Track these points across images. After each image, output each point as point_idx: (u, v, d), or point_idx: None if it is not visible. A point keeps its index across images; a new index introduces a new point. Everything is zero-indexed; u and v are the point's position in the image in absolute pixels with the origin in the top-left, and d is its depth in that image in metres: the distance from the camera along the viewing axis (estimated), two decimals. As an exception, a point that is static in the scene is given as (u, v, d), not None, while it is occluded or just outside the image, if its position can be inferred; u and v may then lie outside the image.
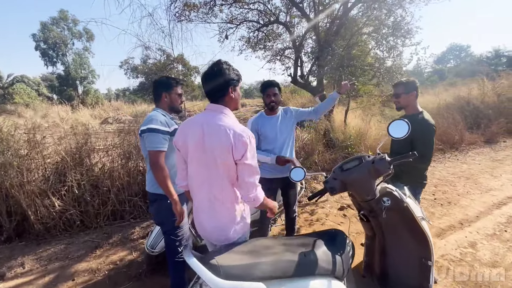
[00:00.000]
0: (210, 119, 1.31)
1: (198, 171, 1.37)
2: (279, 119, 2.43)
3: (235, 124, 1.32)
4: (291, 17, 7.28)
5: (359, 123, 6.62)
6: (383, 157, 1.62)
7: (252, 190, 1.32)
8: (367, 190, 1.66)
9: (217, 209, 1.38)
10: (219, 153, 1.27)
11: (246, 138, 1.26)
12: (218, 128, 1.27)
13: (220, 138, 1.26)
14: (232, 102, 1.38)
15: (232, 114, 1.38)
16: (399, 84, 2.14)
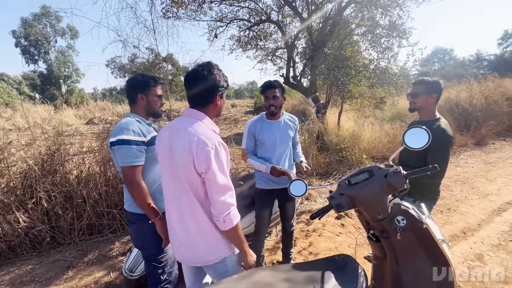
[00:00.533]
0: (182, 124, 1.15)
1: (168, 184, 1.20)
2: (281, 125, 2.18)
3: (205, 131, 1.12)
4: (283, 16, 7.08)
5: (353, 125, 6.49)
6: (398, 170, 1.40)
7: (224, 209, 1.11)
8: (379, 208, 1.43)
9: (189, 227, 1.19)
10: (182, 162, 1.11)
11: (210, 147, 1.07)
12: (184, 134, 1.11)
13: (183, 147, 1.09)
14: (215, 110, 1.23)
15: (210, 122, 1.19)
16: (420, 82, 1.86)
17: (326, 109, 6.38)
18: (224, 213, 1.10)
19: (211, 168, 1.06)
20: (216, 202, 1.10)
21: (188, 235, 1.19)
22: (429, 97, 1.83)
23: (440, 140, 1.74)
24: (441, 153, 1.75)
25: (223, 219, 1.10)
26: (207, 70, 1.14)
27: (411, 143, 1.48)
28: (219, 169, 1.09)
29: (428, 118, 1.88)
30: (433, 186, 1.91)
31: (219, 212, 1.11)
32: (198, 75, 1.13)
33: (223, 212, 1.10)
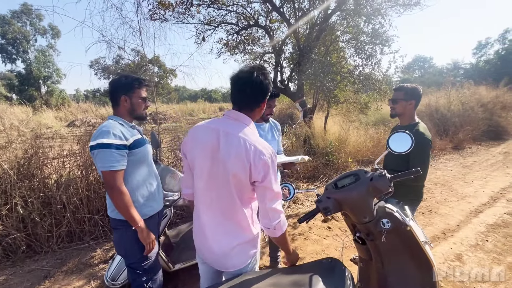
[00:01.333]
0: (230, 128, 1.12)
1: (207, 187, 1.17)
2: (266, 128, 2.20)
3: (258, 139, 1.13)
4: (271, 21, 7.17)
5: (339, 129, 6.61)
6: (383, 174, 1.44)
7: (275, 217, 1.12)
8: (365, 210, 1.46)
9: (225, 231, 1.19)
10: (234, 168, 1.08)
11: (267, 157, 1.09)
12: (238, 140, 1.08)
13: (238, 152, 1.07)
14: (259, 114, 1.23)
15: (254, 127, 1.19)
16: (400, 88, 1.92)
17: (313, 114, 6.48)
18: (275, 221, 1.11)
19: (268, 177, 1.07)
20: (268, 210, 1.10)
21: (223, 240, 1.19)
22: (408, 103, 1.89)
23: (419, 144, 1.80)
24: (421, 156, 1.80)
25: (274, 226, 1.11)
26: (261, 74, 1.11)
27: (395, 147, 1.53)
28: (274, 178, 1.11)
29: (408, 123, 1.94)
30: (417, 188, 1.96)
31: (270, 220, 1.11)
32: (254, 79, 1.09)
33: (274, 219, 1.11)
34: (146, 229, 1.46)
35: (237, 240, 1.20)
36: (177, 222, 3.28)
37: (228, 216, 1.17)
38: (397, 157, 1.82)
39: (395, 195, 1.99)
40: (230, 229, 1.19)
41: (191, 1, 7.03)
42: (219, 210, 1.17)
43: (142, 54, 18.04)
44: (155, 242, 1.54)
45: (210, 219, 1.19)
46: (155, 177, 1.65)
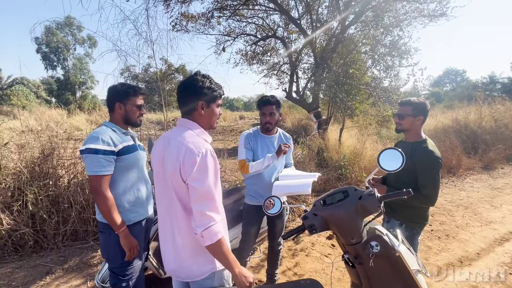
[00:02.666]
0: (174, 134, 1.16)
1: (160, 195, 1.19)
2: (275, 142, 2.16)
3: (194, 140, 1.10)
4: (289, 32, 7.22)
5: (354, 142, 6.38)
6: (372, 193, 1.34)
7: (203, 222, 1.04)
8: (352, 231, 1.37)
9: (177, 240, 1.16)
10: (171, 172, 1.10)
11: (196, 155, 1.06)
12: (175, 143, 1.11)
13: (172, 156, 1.09)
14: (202, 119, 1.19)
15: (201, 131, 1.19)
16: (407, 103, 1.79)
17: (327, 125, 6.33)
18: (202, 227, 1.03)
19: (193, 174, 1.04)
20: (194, 212, 1.05)
21: (177, 248, 1.17)
22: (416, 119, 1.77)
23: (429, 162, 1.67)
24: (431, 176, 1.66)
25: (201, 233, 1.03)
26: (190, 78, 1.16)
27: (386, 165, 1.43)
28: (202, 176, 1.05)
29: (414, 140, 1.82)
30: (422, 210, 1.81)
31: (197, 224, 1.04)
32: (182, 83, 1.17)
33: (202, 225, 1.03)
34: (128, 235, 1.47)
35: (190, 248, 1.15)
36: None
37: (179, 224, 1.14)
38: (402, 175, 1.72)
39: (398, 216, 1.86)
40: (181, 237, 1.15)
41: (212, 13, 7.29)
42: (170, 217, 1.16)
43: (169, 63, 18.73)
44: (137, 249, 1.54)
45: (165, 228, 1.19)
46: (145, 183, 1.68)
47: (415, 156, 1.69)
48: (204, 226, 1.03)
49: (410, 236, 1.78)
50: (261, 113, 2.07)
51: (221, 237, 1.08)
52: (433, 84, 44.95)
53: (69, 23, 26.68)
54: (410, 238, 1.77)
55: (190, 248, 1.15)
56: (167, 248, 1.21)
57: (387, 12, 4.99)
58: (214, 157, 1.14)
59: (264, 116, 2.06)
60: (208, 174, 1.07)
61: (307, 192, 1.82)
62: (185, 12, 7.33)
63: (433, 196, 1.67)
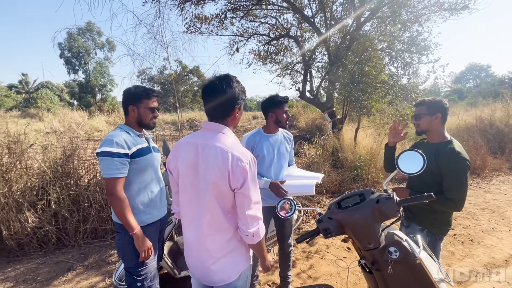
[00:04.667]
0: (207, 139, 1.13)
1: (190, 201, 1.17)
2: (279, 140, 2.15)
3: (235, 145, 1.12)
4: (302, 31, 7.12)
5: (371, 142, 6.20)
6: (391, 196, 1.29)
7: (253, 224, 1.11)
8: (369, 236, 1.32)
9: (210, 246, 1.16)
10: (214, 179, 1.08)
11: (245, 163, 1.07)
12: (214, 149, 1.09)
13: (216, 162, 1.07)
14: (233, 123, 1.22)
15: (232, 134, 1.19)
16: (421, 103, 1.74)
17: (342, 125, 6.19)
18: (254, 228, 1.10)
19: (246, 183, 1.06)
20: (246, 216, 1.09)
21: (210, 254, 1.17)
22: (433, 118, 1.68)
23: (455, 164, 1.57)
24: (457, 178, 1.56)
25: (253, 233, 1.10)
26: (225, 83, 1.12)
27: (405, 167, 1.37)
28: (253, 183, 1.10)
29: (438, 141, 1.71)
30: (445, 215, 1.72)
31: (248, 227, 1.10)
32: (217, 88, 1.12)
33: (253, 226, 1.10)
34: (142, 236, 1.50)
35: (222, 252, 1.17)
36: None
37: (213, 229, 1.15)
38: (426, 178, 1.63)
39: (419, 221, 1.77)
40: (214, 241, 1.16)
41: (225, 14, 7.33)
42: (203, 223, 1.15)
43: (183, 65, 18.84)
44: (151, 250, 1.56)
45: (194, 233, 1.17)
46: (159, 184, 1.70)
47: (440, 158, 1.60)
48: (255, 227, 1.11)
49: (432, 243, 1.71)
50: (282, 111, 2.05)
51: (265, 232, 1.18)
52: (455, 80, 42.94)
53: (89, 29, 27.82)
54: (432, 244, 1.69)
55: (224, 253, 1.17)
56: (194, 254, 1.20)
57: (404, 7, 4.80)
58: (256, 161, 1.16)
59: (286, 114, 2.05)
60: (256, 180, 1.13)
61: (311, 192, 1.87)
62: (198, 14, 7.43)
63: (460, 200, 1.56)
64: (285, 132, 2.23)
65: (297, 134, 12.11)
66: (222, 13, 7.29)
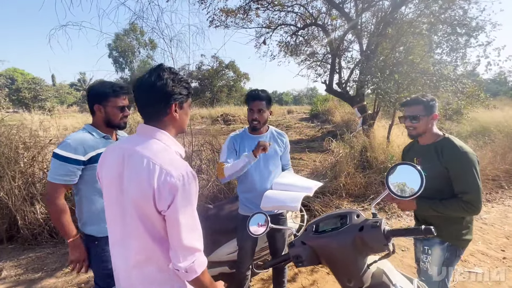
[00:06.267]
0: (135, 145, 0.91)
1: (115, 220, 0.96)
2: (266, 141, 1.88)
3: (168, 157, 0.89)
4: (331, 18, 6.56)
5: (407, 141, 5.47)
6: (377, 224, 0.96)
7: (185, 257, 0.87)
8: (348, 271, 1.02)
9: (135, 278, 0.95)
10: (136, 198, 0.87)
11: (176, 178, 0.84)
12: (141, 160, 0.87)
13: (139, 176, 0.86)
14: (175, 124, 0.98)
15: (172, 141, 0.96)
16: (417, 101, 1.54)
17: (373, 121, 5.57)
18: (186, 262, 0.87)
19: (175, 204, 0.85)
20: (177, 248, 0.88)
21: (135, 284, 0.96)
22: (430, 118, 1.51)
23: (464, 162, 1.41)
24: (469, 177, 1.40)
25: (185, 268, 0.87)
26: (155, 75, 0.91)
27: (398, 188, 1.02)
28: (185, 206, 0.87)
29: (432, 140, 1.54)
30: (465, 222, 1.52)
31: (179, 259, 0.87)
32: (144, 82, 0.91)
33: (185, 260, 0.87)
34: (77, 246, 1.41)
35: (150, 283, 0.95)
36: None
37: (142, 257, 0.93)
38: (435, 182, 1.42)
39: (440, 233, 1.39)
40: (143, 273, 0.93)
41: (249, 5, 7.09)
42: (130, 249, 0.93)
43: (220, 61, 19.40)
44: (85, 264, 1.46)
45: (121, 260, 0.97)
46: None
47: (444, 156, 1.45)
48: (189, 261, 0.88)
49: (451, 258, 1.51)
50: (248, 109, 1.79)
51: (205, 267, 0.93)
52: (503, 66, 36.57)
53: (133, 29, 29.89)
54: (450, 260, 1.51)
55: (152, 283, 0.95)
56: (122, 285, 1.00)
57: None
58: (195, 177, 0.92)
59: (251, 113, 1.78)
60: (192, 201, 0.89)
61: (295, 209, 1.57)
62: (223, 7, 7.30)
63: (478, 200, 1.40)
64: (276, 132, 1.95)
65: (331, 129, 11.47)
66: (246, 4, 7.07)
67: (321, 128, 13.84)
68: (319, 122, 16.07)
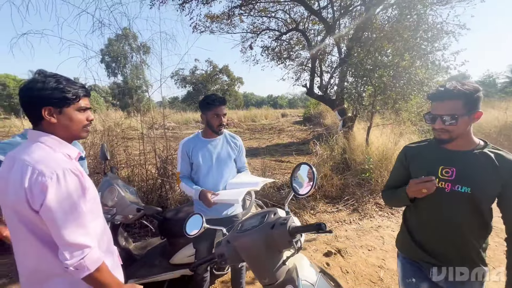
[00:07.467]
0: (19, 152, 0.96)
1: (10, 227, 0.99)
2: (219, 144, 1.93)
3: (44, 157, 0.92)
4: (312, 23, 6.68)
5: (385, 142, 5.58)
6: (285, 222, 1.03)
7: (72, 253, 0.90)
8: (262, 269, 1.07)
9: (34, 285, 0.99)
10: (13, 201, 0.91)
11: (47, 177, 0.88)
12: (16, 163, 0.92)
13: (15, 180, 0.90)
14: (58, 129, 0.99)
15: (58, 144, 0.99)
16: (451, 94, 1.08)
17: (352, 123, 5.67)
18: (74, 259, 0.90)
19: (45, 203, 0.87)
20: (61, 245, 0.90)
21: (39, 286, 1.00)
22: (471, 118, 1.10)
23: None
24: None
25: (74, 266, 0.90)
26: (29, 80, 0.96)
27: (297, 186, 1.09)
28: (62, 203, 0.90)
29: (471, 147, 1.15)
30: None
31: (67, 258, 0.89)
32: (21, 88, 0.96)
33: (73, 257, 0.90)
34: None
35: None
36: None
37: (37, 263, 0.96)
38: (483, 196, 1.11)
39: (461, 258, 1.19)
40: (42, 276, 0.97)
41: (233, 11, 7.19)
42: (25, 258, 0.98)
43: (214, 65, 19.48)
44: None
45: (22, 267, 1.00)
46: None
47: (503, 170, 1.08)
48: (78, 257, 0.90)
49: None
50: (212, 114, 1.82)
51: (100, 264, 0.95)
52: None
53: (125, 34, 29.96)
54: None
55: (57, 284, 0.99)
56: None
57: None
58: (78, 174, 0.96)
59: (218, 118, 1.83)
60: (72, 197, 0.92)
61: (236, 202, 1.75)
62: (208, 13, 7.39)
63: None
64: (229, 135, 2.00)
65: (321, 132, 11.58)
66: (229, 10, 7.17)
67: (312, 131, 13.98)
68: (311, 125, 16.23)
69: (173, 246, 2.24)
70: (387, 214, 3.90)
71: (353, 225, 3.60)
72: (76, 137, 1.06)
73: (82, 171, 1.01)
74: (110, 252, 1.15)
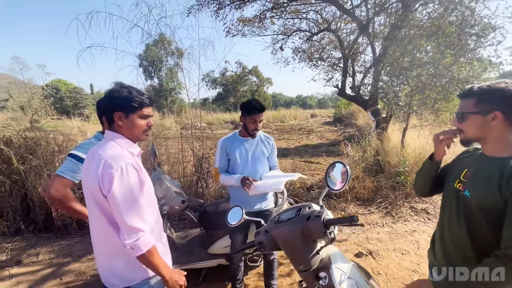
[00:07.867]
0: (97, 148, 1.19)
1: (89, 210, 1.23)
2: (254, 143, 2.09)
3: (114, 153, 1.13)
4: (345, 22, 6.58)
5: (423, 144, 5.31)
6: (319, 214, 1.13)
7: (130, 235, 1.09)
8: (298, 256, 1.19)
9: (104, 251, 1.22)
10: (91, 188, 1.13)
11: (114, 169, 1.08)
12: (95, 158, 1.14)
13: (93, 171, 1.11)
14: (124, 131, 1.20)
15: (126, 143, 1.20)
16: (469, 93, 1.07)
17: (387, 124, 5.48)
18: (131, 239, 1.07)
19: (111, 191, 1.06)
20: (121, 227, 1.09)
21: (107, 257, 1.22)
22: (488, 118, 1.02)
23: None
24: None
25: (131, 245, 1.07)
26: (110, 89, 1.21)
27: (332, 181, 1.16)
28: (122, 191, 1.07)
29: (504, 154, 1.03)
30: None
31: (125, 238, 1.07)
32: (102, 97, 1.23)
33: (130, 238, 1.07)
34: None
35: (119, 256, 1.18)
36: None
37: (106, 238, 1.17)
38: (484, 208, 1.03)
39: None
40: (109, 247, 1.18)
41: (265, 14, 7.34)
42: (97, 232, 1.21)
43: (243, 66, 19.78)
44: None
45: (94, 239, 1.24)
46: None
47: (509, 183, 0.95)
48: (132, 239, 1.08)
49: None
50: (250, 119, 1.97)
51: (151, 247, 1.13)
52: None
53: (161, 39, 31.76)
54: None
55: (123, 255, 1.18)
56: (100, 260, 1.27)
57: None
58: (137, 168, 1.16)
59: (254, 124, 1.98)
60: (132, 188, 1.10)
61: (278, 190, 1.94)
62: (240, 17, 7.63)
63: None
64: (264, 136, 2.15)
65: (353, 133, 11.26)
66: (261, 13, 7.33)
67: (343, 132, 13.63)
68: (342, 126, 15.81)
69: (211, 237, 2.43)
70: (423, 219, 3.75)
71: (385, 228, 3.52)
72: (137, 139, 1.26)
73: (141, 166, 1.21)
74: (161, 239, 1.34)
